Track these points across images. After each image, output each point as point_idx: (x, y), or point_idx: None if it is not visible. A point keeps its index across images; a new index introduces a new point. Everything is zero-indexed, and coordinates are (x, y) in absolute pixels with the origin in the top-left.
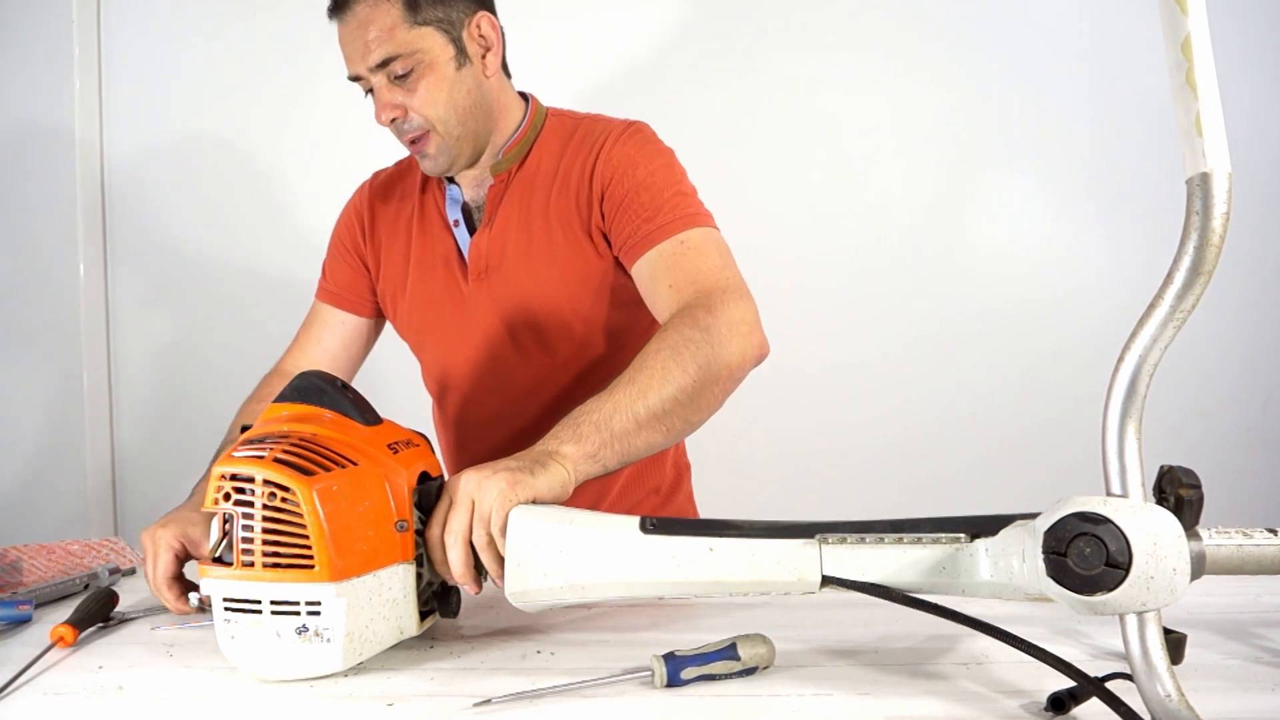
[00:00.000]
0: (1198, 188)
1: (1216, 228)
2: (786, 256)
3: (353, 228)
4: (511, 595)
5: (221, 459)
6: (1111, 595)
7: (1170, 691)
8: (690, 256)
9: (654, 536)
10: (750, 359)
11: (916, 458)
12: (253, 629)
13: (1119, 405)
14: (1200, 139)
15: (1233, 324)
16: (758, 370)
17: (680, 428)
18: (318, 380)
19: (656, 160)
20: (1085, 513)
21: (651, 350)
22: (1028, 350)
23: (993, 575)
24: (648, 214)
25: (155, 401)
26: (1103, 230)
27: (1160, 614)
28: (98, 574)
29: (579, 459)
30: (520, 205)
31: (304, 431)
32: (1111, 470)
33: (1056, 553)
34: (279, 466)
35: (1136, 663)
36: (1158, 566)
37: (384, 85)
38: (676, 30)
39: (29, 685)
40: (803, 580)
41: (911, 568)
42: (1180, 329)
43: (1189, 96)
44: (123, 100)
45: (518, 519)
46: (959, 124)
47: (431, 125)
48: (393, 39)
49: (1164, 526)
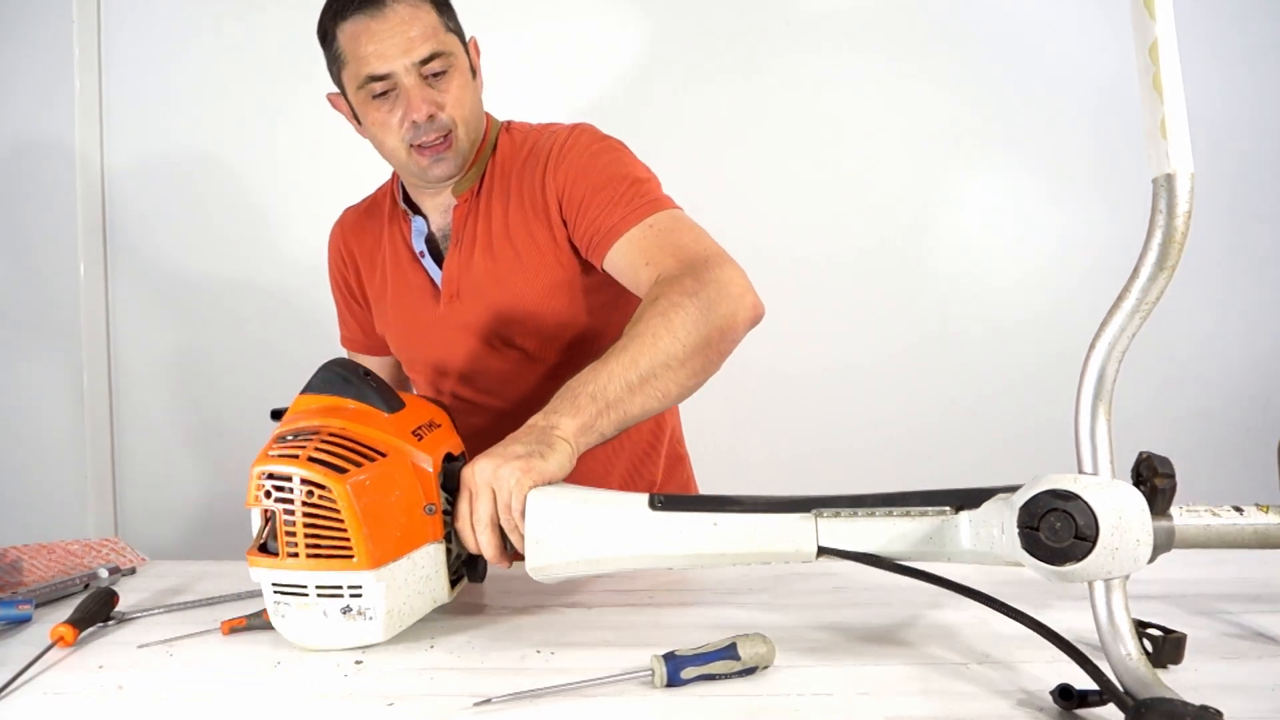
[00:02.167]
0: (1162, 188)
1: (1179, 225)
2: (789, 257)
3: (342, 270)
4: (532, 570)
5: (259, 458)
6: (1079, 565)
7: (1131, 651)
8: (661, 236)
9: (662, 513)
10: (743, 320)
11: (920, 458)
12: (301, 610)
13: (1091, 389)
14: (1164, 141)
15: (1234, 326)
16: (759, 371)
17: (676, 391)
18: (341, 370)
19: (604, 157)
20: (1057, 490)
21: (642, 318)
22: (1030, 351)
23: (974, 545)
24: (607, 209)
25: (155, 402)
26: (1107, 231)
27: (1125, 580)
28: (98, 574)
29: (578, 431)
30: (483, 224)
31: (333, 426)
32: (1084, 450)
33: (1030, 527)
34: (314, 465)
35: (1102, 625)
36: (1122, 539)
37: (418, 83)
38: (678, 31)
39: (29, 685)
40: (800, 551)
41: (901, 538)
42: (1146, 319)
43: (1155, 99)
44: (123, 104)
45: (535, 500)
46: (961, 125)
47: (456, 126)
48: (437, 37)
49: (1129, 502)
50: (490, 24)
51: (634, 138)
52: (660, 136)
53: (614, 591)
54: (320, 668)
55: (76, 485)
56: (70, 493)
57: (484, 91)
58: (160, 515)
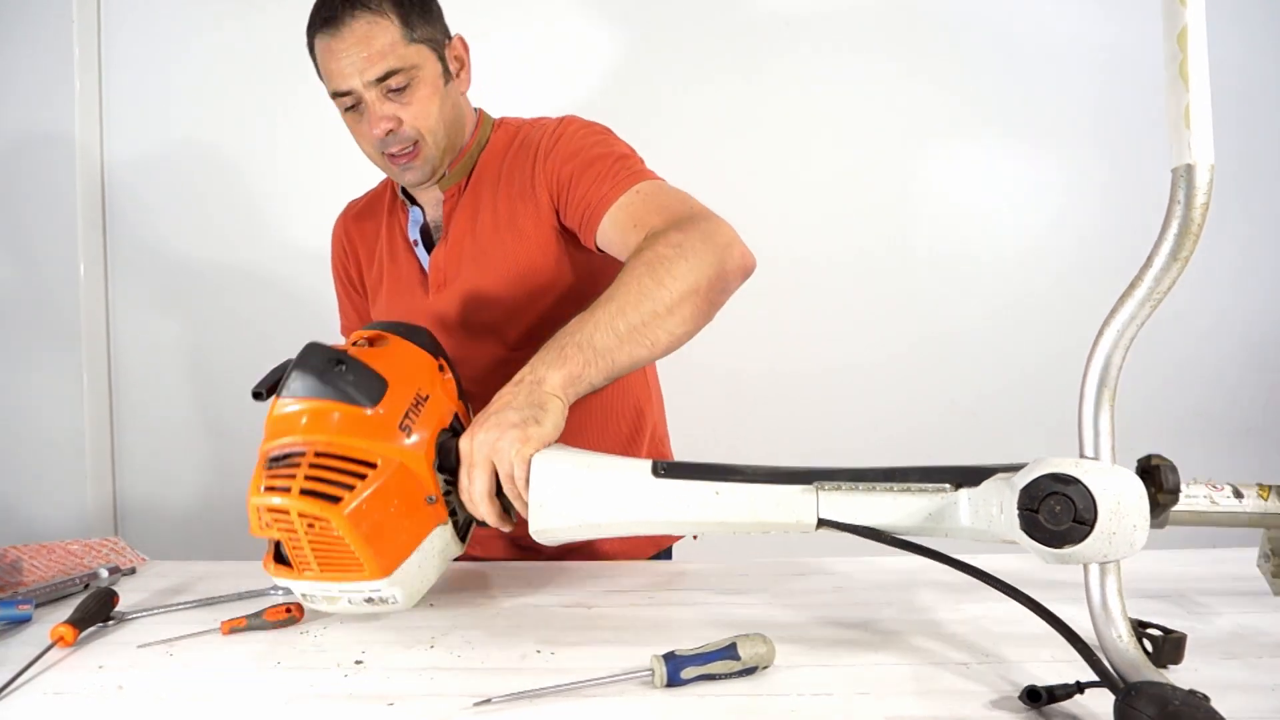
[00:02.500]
0: (1181, 178)
1: (1196, 217)
2: (788, 257)
3: (343, 259)
4: (535, 533)
5: (252, 487)
6: (1076, 548)
7: (1122, 634)
8: (648, 200)
9: (664, 480)
10: (733, 268)
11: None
12: (329, 603)
13: (1096, 375)
14: (1187, 131)
15: (1234, 325)
16: (759, 371)
17: (665, 340)
18: (318, 363)
19: (590, 139)
20: (1058, 474)
21: (628, 269)
22: (1030, 351)
23: (973, 522)
24: (594, 184)
25: (155, 401)
26: (1109, 230)
27: (1120, 564)
28: (98, 574)
29: (566, 382)
30: (473, 216)
31: (318, 443)
32: (1086, 435)
33: (1030, 509)
34: (308, 498)
35: (1095, 607)
36: (1120, 523)
37: (378, 99)
38: (678, 31)
39: (29, 685)
40: (800, 523)
41: (901, 513)
42: (1155, 309)
43: (1180, 88)
44: (123, 104)
45: (540, 465)
46: (961, 125)
47: (422, 136)
48: (394, 53)
49: (1128, 488)
50: (490, 24)
51: (634, 138)
52: (660, 136)
53: (614, 591)
54: (320, 668)
55: (76, 485)
56: (70, 493)
57: (482, 90)
58: (160, 515)
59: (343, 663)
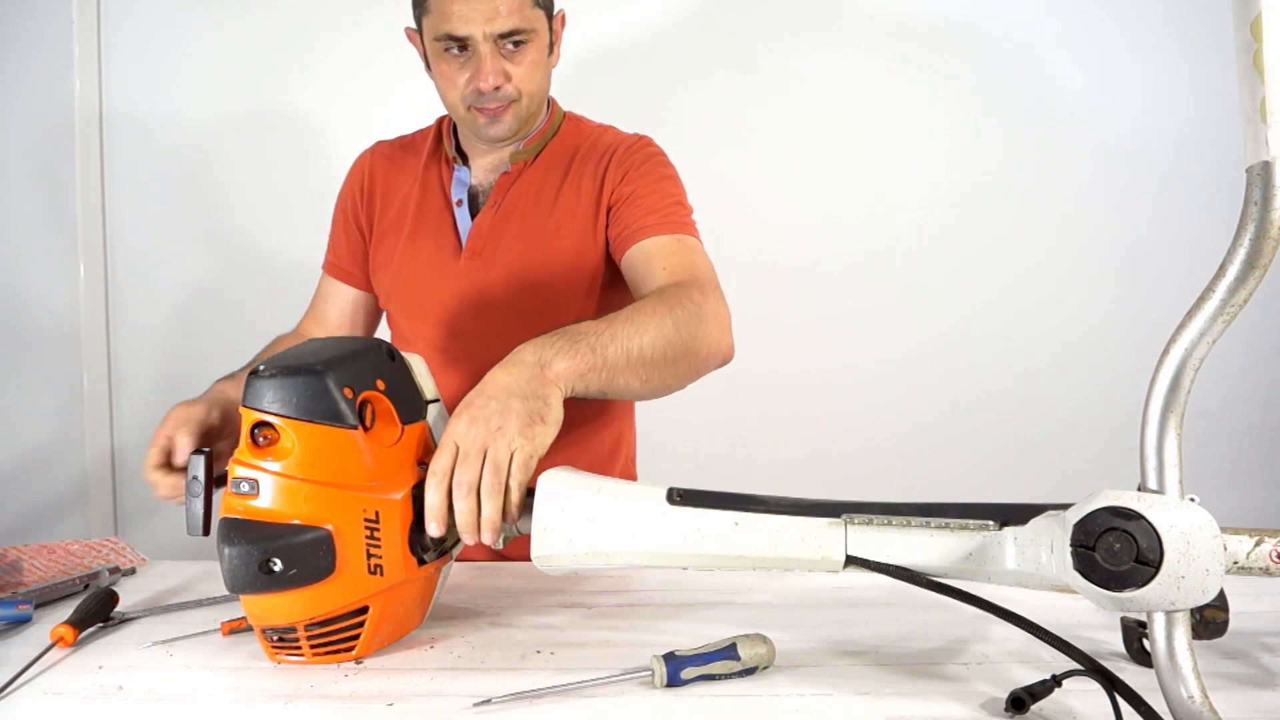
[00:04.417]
0: (1258, 176)
1: (1275, 219)
2: (789, 258)
3: (353, 194)
4: (537, 559)
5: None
6: (1139, 592)
7: (1194, 693)
8: (686, 252)
9: (680, 508)
10: (721, 352)
11: (923, 459)
12: None
13: (1161, 399)
14: (1264, 125)
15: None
16: (759, 372)
17: (656, 383)
18: (248, 575)
19: (661, 170)
20: (1117, 507)
21: (650, 299)
22: (1033, 350)
23: (1019, 565)
24: (648, 211)
25: (155, 401)
26: (1109, 229)
27: (1189, 613)
28: (98, 574)
29: (571, 377)
30: (530, 195)
31: (304, 620)
32: (1149, 465)
33: (1085, 546)
34: (324, 657)
35: (1161, 662)
36: (1190, 566)
37: (492, 52)
38: (677, 31)
39: (29, 685)
40: (826, 559)
41: (937, 552)
42: (1230, 324)
43: (1254, 79)
44: (123, 104)
45: (546, 485)
46: (963, 124)
47: (521, 97)
48: (521, 13)
49: (1199, 525)
50: None
51: None
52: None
53: (614, 592)
54: (320, 668)
55: (76, 486)
56: (70, 493)
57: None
58: (160, 515)
59: (343, 663)
